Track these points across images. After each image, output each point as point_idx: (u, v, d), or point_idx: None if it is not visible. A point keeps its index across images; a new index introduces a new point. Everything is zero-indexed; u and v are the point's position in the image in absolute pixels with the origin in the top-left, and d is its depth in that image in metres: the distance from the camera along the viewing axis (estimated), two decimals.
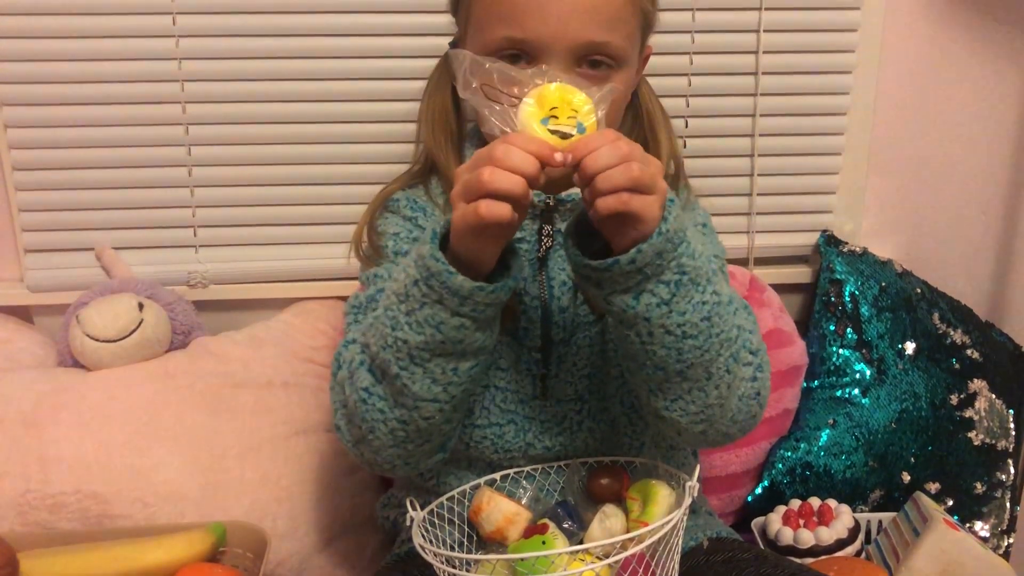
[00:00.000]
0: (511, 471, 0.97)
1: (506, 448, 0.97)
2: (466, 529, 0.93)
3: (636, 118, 1.04)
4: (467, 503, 0.94)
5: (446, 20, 1.03)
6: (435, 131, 1.03)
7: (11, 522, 1.10)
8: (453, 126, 1.04)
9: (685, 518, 0.81)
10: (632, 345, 0.81)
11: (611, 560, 0.78)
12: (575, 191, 0.97)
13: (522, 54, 0.89)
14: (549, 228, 0.98)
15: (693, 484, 0.81)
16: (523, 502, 0.93)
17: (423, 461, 0.91)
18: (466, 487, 0.95)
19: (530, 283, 0.96)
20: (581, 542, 0.85)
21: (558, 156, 0.73)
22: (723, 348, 0.82)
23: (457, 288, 0.77)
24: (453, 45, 1.02)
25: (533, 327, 0.96)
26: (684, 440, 0.92)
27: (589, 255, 0.78)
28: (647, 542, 0.77)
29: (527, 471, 0.97)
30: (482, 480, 0.95)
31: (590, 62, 0.90)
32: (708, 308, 0.80)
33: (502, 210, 0.73)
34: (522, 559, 0.80)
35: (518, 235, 0.97)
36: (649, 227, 0.74)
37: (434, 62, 1.07)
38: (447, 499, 0.93)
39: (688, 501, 0.80)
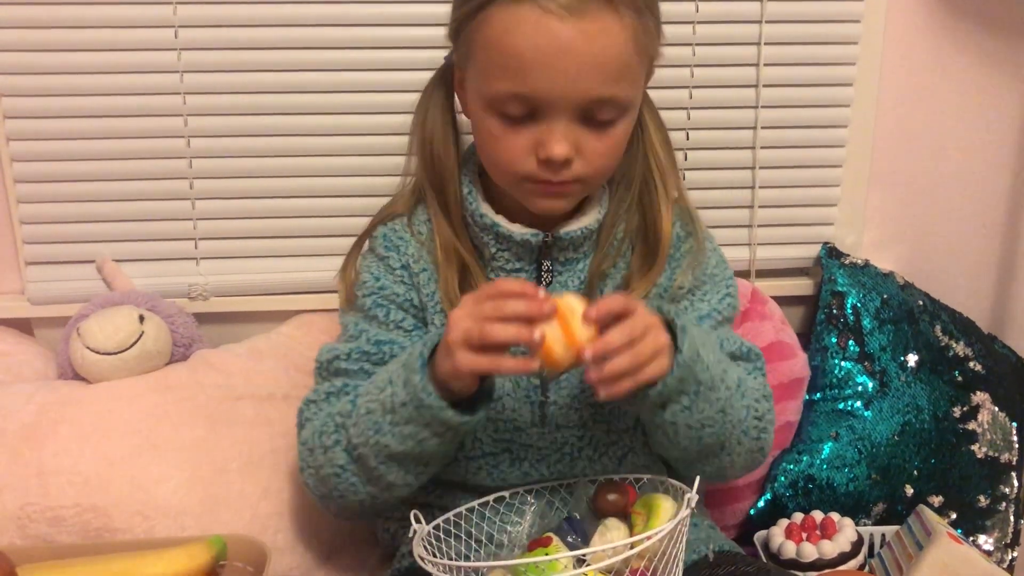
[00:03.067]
0: (520, 488, 0.97)
1: (502, 477, 0.97)
2: (472, 543, 0.93)
3: (635, 156, 1.03)
4: (474, 519, 0.93)
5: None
6: (432, 148, 1.01)
7: (11, 535, 1.09)
8: (450, 141, 1.02)
9: (686, 530, 0.80)
10: (656, 436, 0.92)
11: (604, 564, 0.78)
12: (572, 228, 0.98)
13: (525, 108, 0.88)
14: (548, 264, 0.98)
15: (692, 495, 0.81)
16: (528, 518, 0.94)
17: (389, 510, 1.01)
18: (473, 503, 0.95)
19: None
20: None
21: (587, 354, 0.79)
22: (735, 427, 0.92)
23: (447, 421, 0.83)
24: (448, 59, 1.02)
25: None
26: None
27: None
28: (640, 548, 0.77)
29: (536, 488, 0.97)
30: (490, 498, 0.95)
31: (595, 113, 0.89)
32: (723, 403, 0.89)
33: (509, 366, 0.81)
34: (523, 564, 0.79)
35: (516, 266, 0.98)
36: (661, 375, 0.83)
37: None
38: (454, 515, 0.93)
39: (685, 512, 0.80)
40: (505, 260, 0.98)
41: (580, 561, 0.82)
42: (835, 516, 1.21)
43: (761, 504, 1.31)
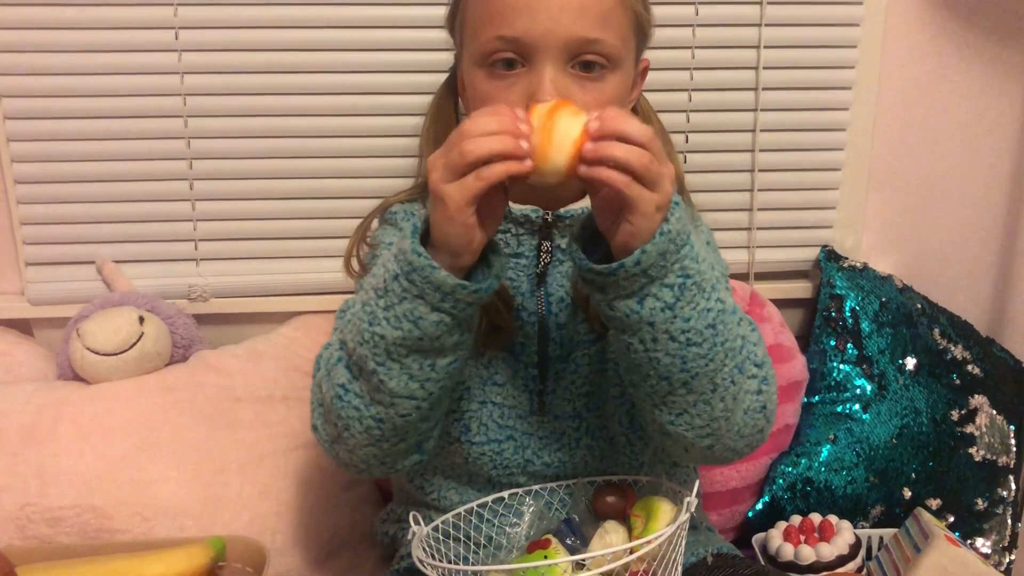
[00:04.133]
0: (519, 490, 0.97)
1: (504, 464, 0.97)
2: (471, 545, 0.93)
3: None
4: (473, 520, 0.93)
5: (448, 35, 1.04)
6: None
7: (10, 536, 1.10)
8: None
9: (685, 533, 0.80)
10: (636, 354, 0.80)
11: (604, 570, 0.78)
12: (574, 207, 0.97)
13: (515, 56, 0.89)
14: (548, 244, 0.97)
15: (691, 500, 0.81)
16: (526, 519, 0.93)
17: (399, 462, 0.90)
18: (472, 504, 0.95)
19: (528, 299, 0.96)
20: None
21: (593, 124, 0.73)
22: (727, 358, 0.82)
23: (440, 283, 0.76)
24: (453, 66, 1.02)
25: (530, 343, 0.96)
26: (691, 457, 0.91)
27: (594, 262, 0.78)
28: (640, 552, 0.77)
29: (535, 490, 0.97)
30: (489, 499, 0.95)
31: (583, 63, 0.89)
32: (713, 315, 0.79)
33: (499, 169, 0.72)
34: (523, 568, 0.79)
35: (516, 250, 0.97)
36: (643, 225, 0.74)
37: (436, 77, 1.07)
38: (453, 516, 0.93)
39: (685, 516, 0.80)
40: (504, 244, 0.97)
41: (579, 565, 0.82)
42: (833, 519, 1.22)
43: (759, 507, 1.31)
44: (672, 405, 0.83)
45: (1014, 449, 1.34)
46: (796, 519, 1.23)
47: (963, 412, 1.33)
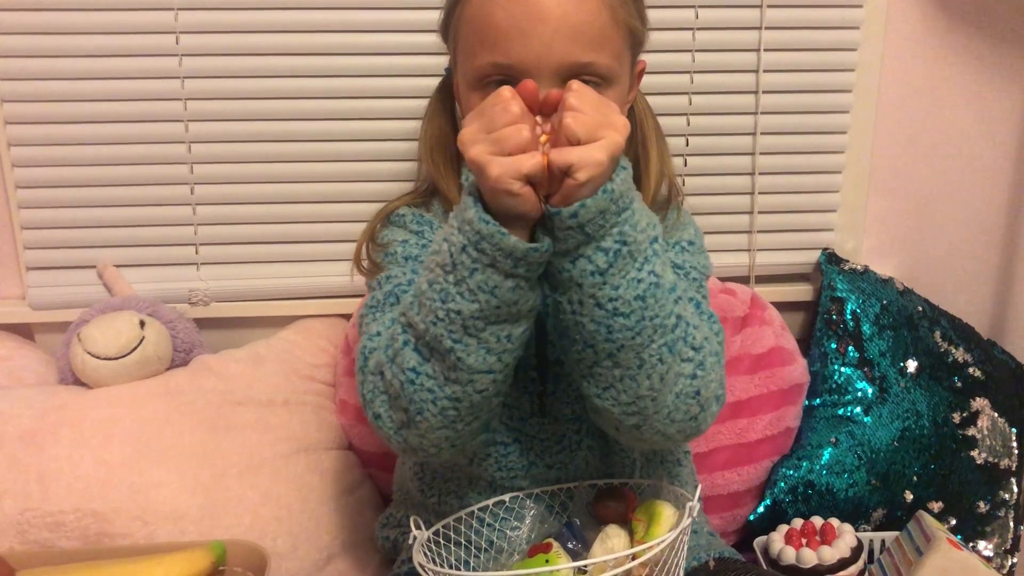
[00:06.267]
0: (519, 493, 0.97)
1: (509, 467, 0.97)
2: (472, 549, 0.93)
3: (630, 135, 1.04)
4: (474, 524, 0.93)
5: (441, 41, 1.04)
6: (434, 156, 1.04)
7: (11, 540, 1.09)
8: (452, 150, 1.04)
9: (687, 537, 0.80)
10: (564, 315, 0.80)
11: (606, 575, 0.78)
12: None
13: (509, 79, 0.88)
14: None
15: (694, 504, 0.81)
16: (527, 523, 0.93)
17: (469, 442, 0.89)
18: (473, 508, 0.95)
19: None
20: None
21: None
22: (656, 334, 0.80)
23: (511, 249, 0.75)
24: (448, 70, 1.03)
25: (529, 344, 0.96)
26: (622, 438, 0.90)
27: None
28: (644, 558, 0.77)
29: (536, 493, 0.97)
30: (490, 502, 0.95)
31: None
32: (643, 288, 0.78)
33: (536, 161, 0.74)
34: (524, 574, 0.79)
35: None
36: (583, 181, 0.74)
37: (436, 80, 1.07)
38: (454, 520, 0.93)
39: (687, 521, 0.80)
40: None
41: (581, 571, 0.82)
42: (835, 522, 1.21)
43: (761, 510, 1.31)
44: (599, 377, 0.83)
45: (1016, 452, 1.34)
46: (798, 522, 1.23)
47: (965, 415, 1.33)
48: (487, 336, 0.79)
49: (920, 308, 1.37)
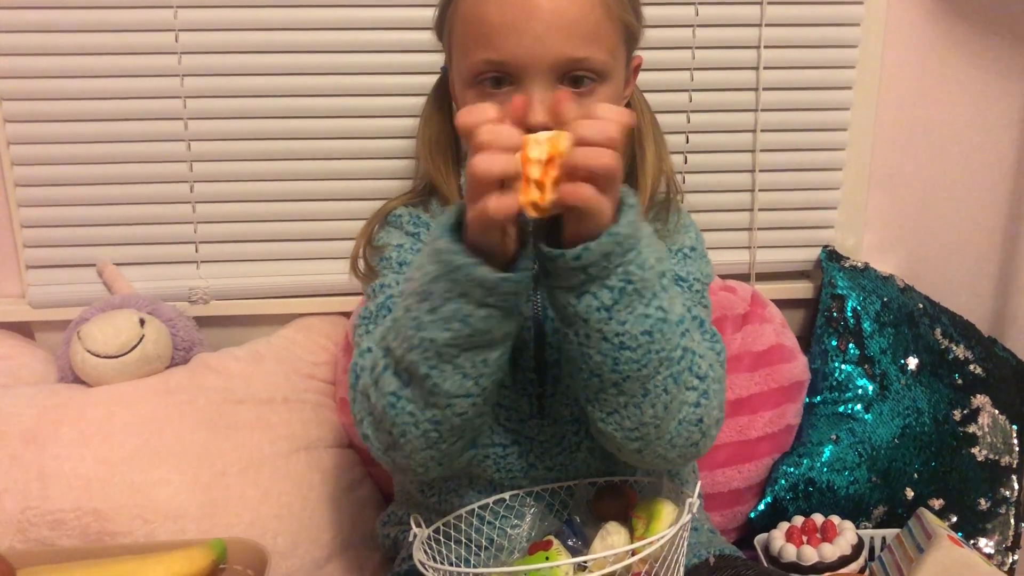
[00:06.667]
0: (520, 491, 0.97)
1: (508, 468, 0.97)
2: (472, 547, 0.93)
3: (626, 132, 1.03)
4: (474, 522, 0.93)
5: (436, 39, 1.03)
6: (433, 156, 1.04)
7: (11, 539, 1.10)
8: (450, 149, 1.04)
9: (687, 534, 0.80)
10: (571, 345, 0.80)
11: (606, 572, 0.78)
12: None
13: (503, 76, 0.89)
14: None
15: (693, 501, 0.81)
16: (528, 520, 0.93)
17: (456, 460, 0.89)
18: (473, 506, 0.95)
19: (524, 303, 0.96)
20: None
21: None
22: (662, 367, 0.80)
23: (482, 280, 0.75)
24: (444, 68, 1.03)
25: (527, 347, 0.96)
26: (623, 458, 0.90)
27: (554, 238, 0.77)
28: (643, 554, 0.77)
29: (536, 491, 0.97)
30: (490, 500, 0.95)
31: (572, 78, 0.89)
32: (650, 323, 0.78)
33: (510, 203, 0.72)
34: (525, 570, 0.79)
35: None
36: (591, 224, 0.74)
37: (435, 78, 1.07)
38: (454, 518, 0.93)
39: (686, 517, 0.79)
40: None
41: (581, 566, 0.82)
42: (835, 519, 1.21)
43: (761, 507, 1.31)
44: (603, 403, 0.83)
45: (1017, 449, 1.34)
46: (798, 520, 1.23)
47: (965, 412, 1.33)
48: (462, 362, 0.79)
49: (921, 305, 1.37)
